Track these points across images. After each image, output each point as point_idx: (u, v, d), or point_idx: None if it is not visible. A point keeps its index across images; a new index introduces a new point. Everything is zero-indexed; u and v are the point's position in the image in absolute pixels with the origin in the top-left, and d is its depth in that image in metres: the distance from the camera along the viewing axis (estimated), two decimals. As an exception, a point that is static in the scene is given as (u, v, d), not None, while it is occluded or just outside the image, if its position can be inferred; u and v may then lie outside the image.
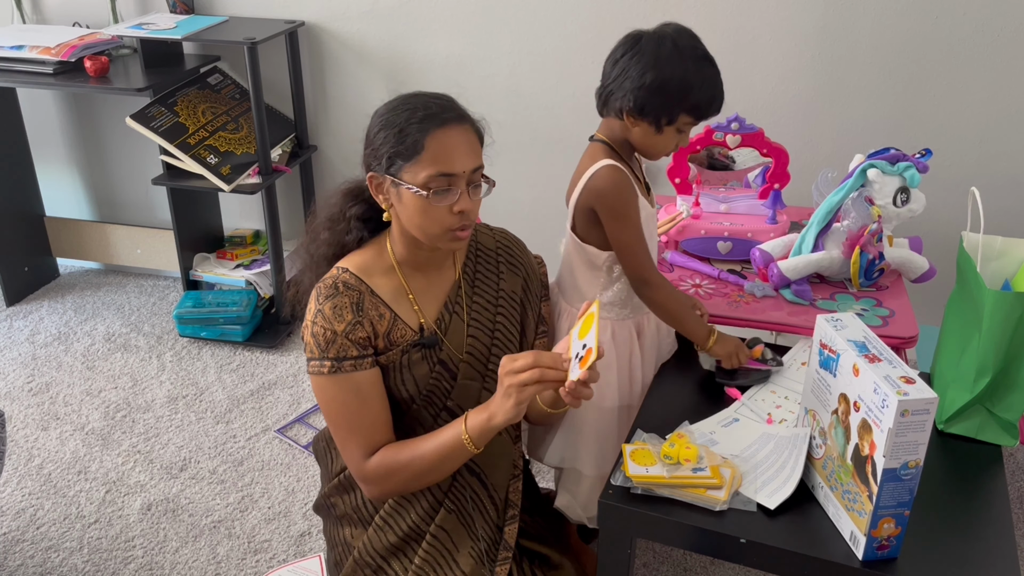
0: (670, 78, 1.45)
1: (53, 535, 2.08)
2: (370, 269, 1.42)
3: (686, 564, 1.98)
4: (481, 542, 1.48)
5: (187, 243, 2.87)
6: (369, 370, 1.38)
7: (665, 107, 1.47)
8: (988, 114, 2.36)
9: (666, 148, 1.54)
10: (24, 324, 2.95)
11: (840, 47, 2.39)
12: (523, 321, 1.54)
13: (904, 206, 1.88)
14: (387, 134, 1.32)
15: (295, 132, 2.85)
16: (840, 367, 1.21)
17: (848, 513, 1.22)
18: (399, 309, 1.42)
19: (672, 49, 1.45)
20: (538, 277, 1.58)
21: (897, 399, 1.08)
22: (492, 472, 1.51)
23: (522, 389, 1.24)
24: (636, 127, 1.51)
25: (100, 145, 3.10)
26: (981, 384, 1.39)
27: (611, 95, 1.51)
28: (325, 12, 2.73)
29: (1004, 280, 1.51)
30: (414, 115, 1.31)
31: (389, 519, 1.49)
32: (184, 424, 2.45)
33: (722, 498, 1.27)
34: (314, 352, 1.37)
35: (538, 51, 2.60)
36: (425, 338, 1.43)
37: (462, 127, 1.34)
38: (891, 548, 1.19)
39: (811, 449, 1.32)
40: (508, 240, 1.57)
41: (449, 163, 1.31)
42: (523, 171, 2.76)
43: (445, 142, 1.31)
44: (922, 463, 1.13)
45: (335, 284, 1.39)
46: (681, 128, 1.51)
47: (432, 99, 1.35)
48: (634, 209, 1.54)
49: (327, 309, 1.37)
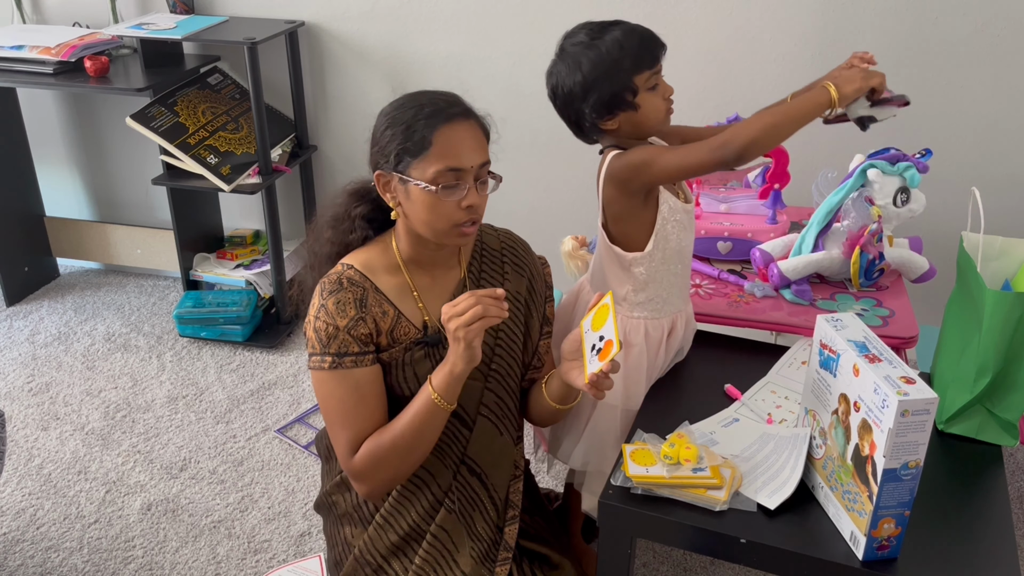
0: (598, 60, 1.44)
1: (53, 535, 2.08)
2: (375, 266, 1.42)
3: (686, 564, 1.98)
4: (481, 542, 1.48)
5: (187, 243, 2.87)
6: (369, 367, 1.38)
7: (613, 89, 1.45)
8: (988, 114, 2.36)
9: (657, 111, 1.49)
10: (24, 324, 2.95)
11: (840, 47, 2.39)
12: (527, 322, 1.54)
13: (904, 206, 1.88)
14: (394, 131, 1.33)
15: (295, 132, 2.85)
16: (840, 367, 1.21)
17: (848, 513, 1.22)
18: (403, 306, 1.42)
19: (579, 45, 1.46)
20: (543, 278, 1.58)
21: (897, 399, 1.08)
22: (492, 472, 1.51)
23: (469, 329, 1.26)
24: (618, 121, 1.49)
25: (100, 145, 3.10)
26: (981, 384, 1.39)
27: (580, 117, 1.51)
28: (325, 12, 2.73)
29: (1004, 280, 1.51)
30: (421, 111, 1.32)
31: (390, 518, 1.49)
32: (184, 424, 2.45)
33: (722, 498, 1.27)
34: (316, 347, 1.38)
35: (538, 51, 2.59)
36: (428, 336, 1.43)
37: (469, 122, 1.34)
38: (891, 548, 1.19)
39: (811, 449, 1.32)
40: (513, 241, 1.57)
41: (457, 158, 1.31)
42: (523, 171, 2.75)
43: (452, 137, 1.31)
44: (922, 463, 1.13)
45: (339, 280, 1.39)
46: (650, 86, 1.47)
47: (438, 96, 1.36)
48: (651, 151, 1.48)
49: (330, 304, 1.37)
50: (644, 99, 1.47)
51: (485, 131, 1.38)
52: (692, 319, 1.72)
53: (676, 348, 1.69)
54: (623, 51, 1.44)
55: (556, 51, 1.52)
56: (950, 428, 1.45)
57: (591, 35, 1.47)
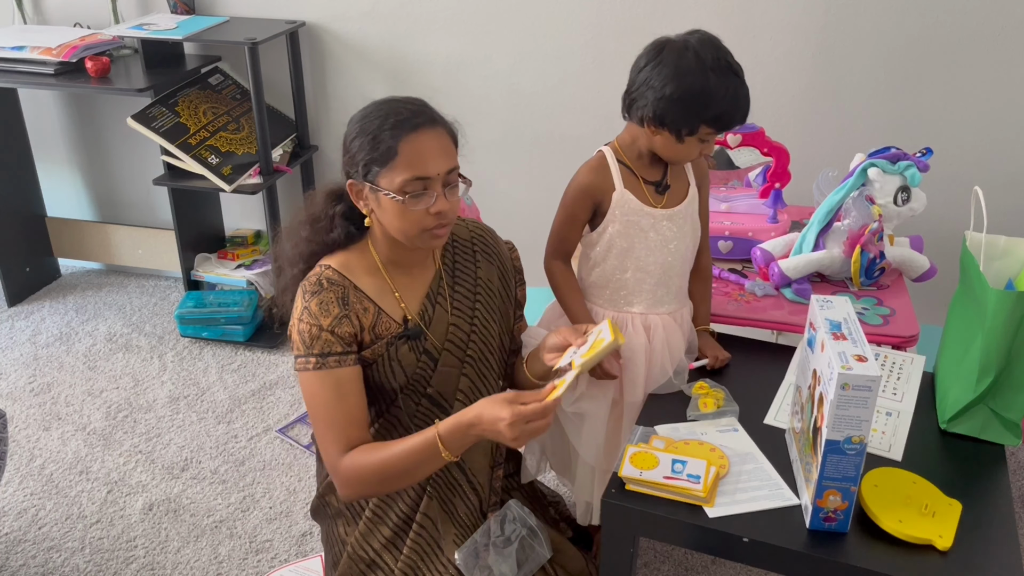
0: (690, 90, 1.45)
1: (55, 535, 2.08)
2: (353, 268, 1.44)
3: (687, 564, 1.98)
4: (465, 528, 1.50)
5: (188, 243, 2.87)
6: (351, 367, 1.40)
7: (685, 118, 1.48)
8: (990, 112, 2.36)
9: (688, 156, 1.55)
10: (26, 324, 2.95)
11: (841, 46, 2.39)
12: (501, 308, 1.57)
13: (905, 205, 1.88)
14: (362, 141, 1.35)
15: (296, 132, 2.85)
16: (816, 344, 1.24)
17: (806, 485, 1.25)
18: (383, 303, 1.44)
19: (694, 60, 1.45)
20: (511, 263, 1.61)
21: (839, 372, 1.11)
22: (470, 458, 1.53)
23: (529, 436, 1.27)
24: (657, 135, 1.53)
25: (101, 145, 3.10)
26: (984, 383, 1.39)
27: (634, 103, 1.53)
28: (325, 12, 2.73)
29: (1008, 280, 1.51)
30: (386, 121, 1.34)
31: (379, 511, 1.51)
32: (185, 424, 2.45)
33: (708, 506, 1.28)
34: (300, 349, 1.40)
35: (538, 51, 2.60)
36: (409, 330, 1.45)
37: (435, 130, 1.36)
38: (839, 522, 1.22)
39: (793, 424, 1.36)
40: (481, 230, 1.60)
41: (423, 167, 1.33)
42: (523, 171, 2.75)
43: (418, 146, 1.33)
44: (867, 440, 1.15)
45: (319, 281, 1.41)
46: (703, 138, 1.52)
47: (404, 104, 1.37)
48: (571, 194, 1.61)
49: (313, 306, 1.39)
50: (689, 142, 1.51)
51: (452, 136, 1.40)
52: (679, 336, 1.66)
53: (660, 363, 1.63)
54: (715, 103, 1.46)
55: (682, 41, 1.48)
56: (953, 427, 1.45)
57: (717, 67, 1.46)
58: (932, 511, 1.24)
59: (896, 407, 1.49)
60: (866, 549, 1.21)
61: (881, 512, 1.23)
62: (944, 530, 1.21)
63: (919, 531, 1.21)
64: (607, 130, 2.68)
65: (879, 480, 1.29)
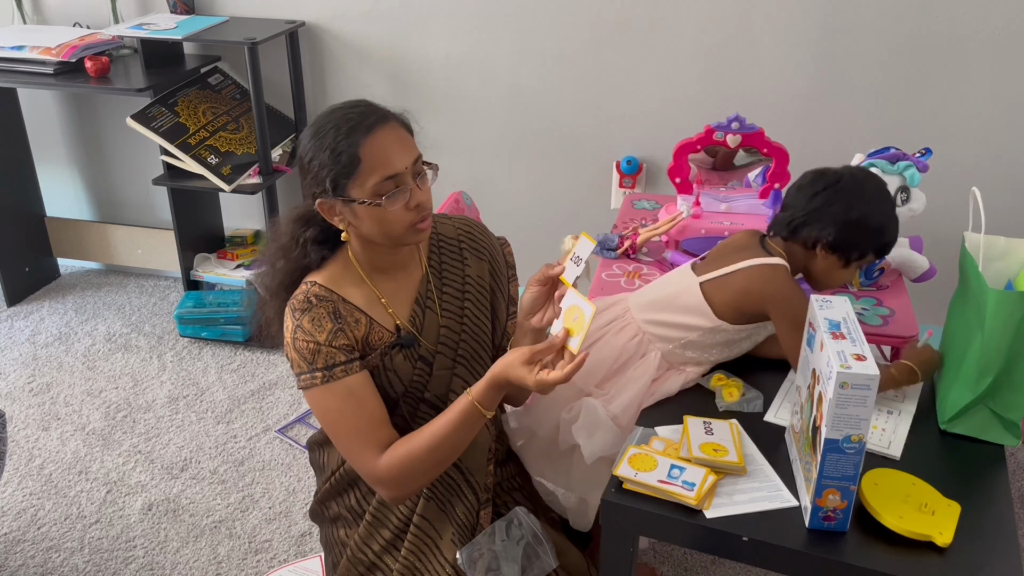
0: (871, 216, 1.51)
1: (54, 535, 2.08)
2: (339, 281, 1.42)
3: (687, 564, 1.98)
4: (463, 528, 1.50)
5: (188, 243, 2.87)
6: (359, 373, 1.38)
7: (861, 243, 1.52)
8: (989, 113, 2.36)
9: (842, 281, 1.60)
10: (25, 324, 2.95)
11: (840, 46, 2.39)
12: (494, 305, 1.55)
13: (904, 205, 1.88)
14: (321, 159, 1.32)
15: (295, 132, 2.85)
16: (815, 343, 1.24)
17: (805, 485, 1.25)
18: (373, 314, 1.42)
19: (875, 190, 1.53)
20: (503, 258, 1.59)
21: (838, 371, 1.11)
22: (467, 457, 1.51)
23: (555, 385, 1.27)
24: (825, 259, 1.55)
25: (101, 145, 3.10)
26: (984, 384, 1.39)
27: (804, 225, 1.54)
28: (325, 12, 2.73)
29: (1007, 280, 1.51)
30: (339, 132, 1.31)
31: (378, 514, 1.51)
32: (185, 424, 2.45)
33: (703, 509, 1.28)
34: (302, 366, 1.37)
35: (538, 51, 2.60)
36: (402, 338, 1.44)
37: (388, 126, 1.34)
38: (838, 521, 1.22)
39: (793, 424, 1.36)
40: (469, 226, 1.58)
41: (389, 165, 1.31)
42: (523, 171, 2.75)
43: (377, 147, 1.31)
44: (866, 439, 1.15)
45: (307, 299, 1.39)
46: (861, 265, 1.57)
47: (350, 109, 1.35)
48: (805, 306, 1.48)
49: (305, 323, 1.37)
50: (853, 267, 1.57)
51: (407, 127, 1.38)
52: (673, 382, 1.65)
53: None
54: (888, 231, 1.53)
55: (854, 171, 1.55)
56: (953, 428, 1.45)
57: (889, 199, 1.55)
58: (932, 510, 1.24)
59: (897, 406, 1.49)
60: (866, 548, 1.21)
61: (881, 508, 1.23)
62: (944, 528, 1.21)
63: (919, 527, 1.21)
64: (607, 130, 2.69)
65: (879, 479, 1.30)
